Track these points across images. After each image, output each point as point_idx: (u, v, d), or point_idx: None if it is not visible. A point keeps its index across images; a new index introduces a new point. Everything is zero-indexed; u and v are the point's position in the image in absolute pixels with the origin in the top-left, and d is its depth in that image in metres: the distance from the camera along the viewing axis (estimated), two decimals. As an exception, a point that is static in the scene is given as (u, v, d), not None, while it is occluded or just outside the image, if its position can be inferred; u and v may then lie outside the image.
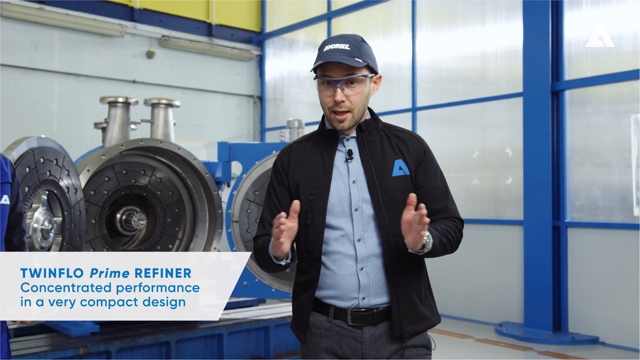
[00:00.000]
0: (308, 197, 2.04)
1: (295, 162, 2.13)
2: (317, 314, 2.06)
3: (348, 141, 2.10)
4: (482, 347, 6.00)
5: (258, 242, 2.11)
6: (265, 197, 2.19)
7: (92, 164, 4.61)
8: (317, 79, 2.06)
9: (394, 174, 2.05)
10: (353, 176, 2.05)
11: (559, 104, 6.45)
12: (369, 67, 2.04)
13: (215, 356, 4.97)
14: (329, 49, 2.02)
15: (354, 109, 2.03)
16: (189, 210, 5.42)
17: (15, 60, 7.69)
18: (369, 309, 2.01)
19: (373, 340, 2.01)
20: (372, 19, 8.58)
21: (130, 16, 8.71)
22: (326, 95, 2.04)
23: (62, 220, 3.93)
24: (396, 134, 2.14)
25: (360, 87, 2.02)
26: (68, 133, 7.88)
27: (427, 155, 2.12)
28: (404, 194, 1.97)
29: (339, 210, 2.03)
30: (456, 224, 2.08)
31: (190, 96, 9.20)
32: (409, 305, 2.02)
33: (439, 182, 2.13)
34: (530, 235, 6.50)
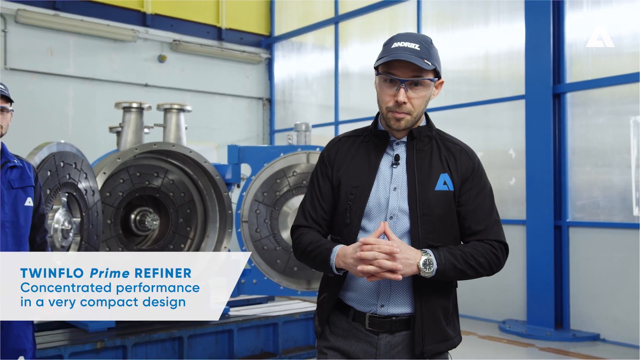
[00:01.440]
0: (348, 196, 2.00)
1: (341, 156, 2.08)
2: (338, 313, 2.05)
3: (398, 145, 2.03)
4: (485, 343, 6.15)
5: (305, 237, 2.05)
6: (309, 186, 2.14)
7: (107, 167, 4.81)
8: (380, 75, 1.95)
9: (437, 188, 1.97)
10: (395, 183, 1.99)
11: (560, 106, 6.58)
12: (435, 71, 1.97)
13: (226, 351, 5.15)
14: (397, 46, 1.92)
15: (413, 112, 1.95)
16: (200, 210, 5.61)
17: (32, 65, 7.93)
18: (387, 316, 1.97)
19: (388, 348, 1.98)
20: (378, 22, 8.74)
21: (143, 21, 8.93)
22: (388, 93, 1.94)
23: (80, 221, 4.14)
24: (447, 145, 2.05)
25: (424, 91, 1.95)
26: (83, 136, 8.10)
27: (475, 172, 2.02)
28: (444, 209, 1.96)
29: (375, 215, 1.98)
30: (492, 247, 1.98)
31: (201, 99, 9.41)
32: (434, 323, 1.96)
33: (484, 201, 2.02)
34: (532, 235, 6.64)
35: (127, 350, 4.58)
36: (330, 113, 9.32)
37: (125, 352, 4.58)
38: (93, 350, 4.44)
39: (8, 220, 2.80)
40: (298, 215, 2.13)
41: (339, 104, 9.15)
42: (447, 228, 1.96)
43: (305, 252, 2.02)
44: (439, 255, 1.90)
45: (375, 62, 1.99)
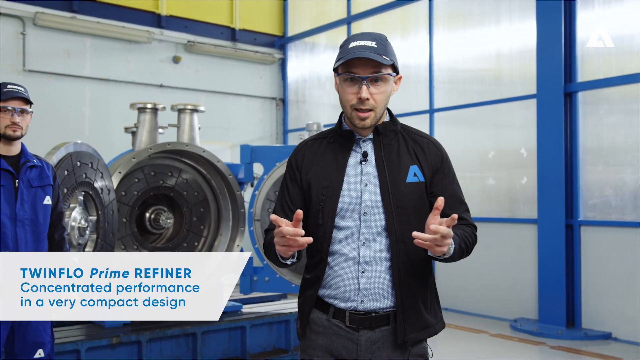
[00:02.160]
0: (319, 197, 2.02)
1: (309, 160, 2.10)
2: (317, 312, 2.06)
3: (364, 143, 2.05)
4: (496, 341, 6.18)
5: (268, 237, 2.09)
6: (279, 192, 2.17)
7: (123, 166, 4.92)
8: (340, 75, 1.99)
9: (408, 180, 2.00)
10: (366, 179, 2.01)
11: (571, 105, 6.59)
12: (393, 67, 2.00)
13: (239, 347, 5.24)
14: (354, 45, 1.96)
15: (377, 108, 1.98)
16: (213, 209, 5.70)
17: (50, 67, 8.08)
18: (367, 312, 1.99)
19: (369, 344, 2.00)
20: (390, 22, 8.78)
21: (157, 23, 9.05)
22: (349, 92, 1.97)
23: (96, 219, 4.24)
24: (414, 137, 2.09)
25: (385, 86, 1.98)
26: (99, 136, 8.24)
27: (444, 163, 2.08)
28: (416, 201, 2.00)
29: (348, 212, 2.00)
30: (472, 231, 2.07)
31: (215, 99, 9.52)
32: (414, 312, 1.99)
33: (455, 190, 2.08)
34: (544, 234, 6.66)
35: (142, 346, 4.68)
36: (342, 112, 9.38)
37: (140, 348, 4.68)
38: (109, 345, 4.55)
39: (27, 218, 2.91)
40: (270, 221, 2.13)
41: (351, 104, 9.20)
42: (422, 219, 1.96)
43: (267, 249, 2.06)
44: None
45: (334, 64, 2.03)
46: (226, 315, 5.33)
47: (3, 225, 2.82)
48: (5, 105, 2.91)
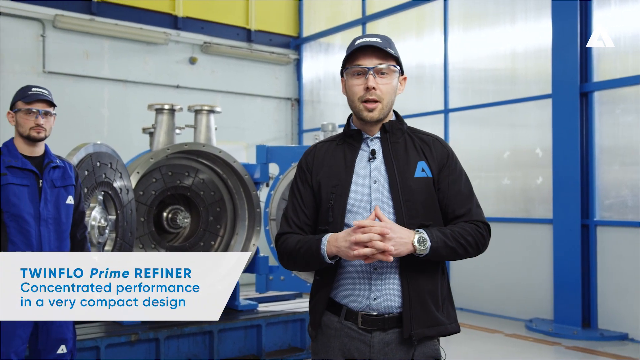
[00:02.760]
0: (329, 196, 2.05)
1: (318, 161, 2.13)
2: (329, 314, 2.07)
3: (372, 141, 2.10)
4: (511, 341, 6.18)
5: (290, 240, 2.09)
6: (289, 195, 2.20)
7: (141, 167, 5.00)
8: (347, 71, 2.07)
9: (416, 175, 2.03)
10: (374, 176, 2.04)
11: (587, 105, 6.57)
12: (398, 63, 2.07)
13: (255, 345, 5.30)
14: (360, 41, 2.04)
15: (383, 100, 2.03)
16: (229, 209, 5.77)
17: (69, 68, 8.21)
18: (380, 313, 2.00)
19: (382, 346, 2.00)
20: (405, 22, 8.79)
21: (174, 24, 9.15)
22: (357, 84, 2.04)
23: (115, 218, 4.33)
24: (420, 136, 2.13)
25: (390, 79, 2.04)
26: (117, 136, 8.35)
27: (450, 159, 2.10)
28: (425, 196, 2.02)
29: (359, 209, 2.03)
30: (477, 227, 2.04)
31: (231, 100, 9.60)
32: (422, 308, 1.99)
33: (462, 186, 2.09)
34: (559, 234, 6.64)
35: (159, 343, 4.76)
36: (357, 113, 9.41)
37: (158, 345, 4.76)
38: (128, 342, 4.64)
39: (51, 217, 2.99)
40: (281, 223, 2.17)
41: (366, 104, 9.22)
42: (430, 213, 2.02)
43: (294, 251, 2.05)
44: (431, 233, 1.95)
45: (341, 66, 2.11)
46: (242, 314, 5.40)
47: (27, 224, 2.91)
48: (30, 107, 2.99)
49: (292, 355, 5.40)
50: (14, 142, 3.04)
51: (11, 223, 2.89)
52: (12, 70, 7.76)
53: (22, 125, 3.00)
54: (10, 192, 2.90)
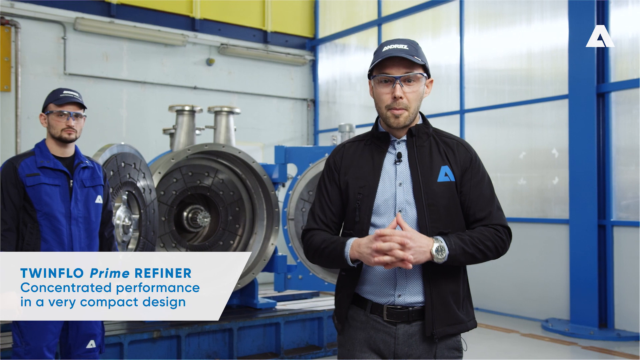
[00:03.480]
0: (356, 196, 2.13)
1: (347, 161, 2.20)
2: (355, 307, 2.15)
3: (399, 144, 2.16)
4: (527, 341, 6.21)
5: (316, 237, 2.17)
6: (316, 192, 2.26)
7: (163, 167, 5.10)
8: (374, 78, 2.12)
9: (439, 180, 2.10)
10: (400, 179, 2.12)
11: (604, 106, 6.57)
12: (424, 68, 2.12)
13: (273, 343, 5.38)
14: (387, 48, 2.08)
15: (410, 107, 2.09)
16: (248, 208, 5.86)
17: (89, 70, 8.34)
18: (404, 306, 2.08)
19: (406, 337, 2.08)
20: (421, 23, 8.83)
21: (192, 26, 9.26)
22: (384, 92, 2.09)
23: (139, 218, 4.42)
24: (445, 140, 2.19)
25: (417, 86, 2.09)
26: (135, 136, 8.46)
27: (473, 163, 2.16)
28: (447, 199, 2.09)
29: (384, 210, 2.10)
30: (496, 232, 2.10)
31: (247, 100, 9.69)
32: (444, 307, 2.07)
33: (484, 190, 2.15)
34: (576, 234, 6.65)
35: (180, 340, 4.85)
36: (373, 113, 9.40)
37: (179, 342, 4.86)
38: (150, 339, 4.73)
39: (81, 216, 3.08)
40: (308, 219, 2.24)
41: (381, 105, 9.26)
42: (452, 217, 2.10)
43: (319, 250, 2.13)
44: (449, 241, 2.02)
45: (369, 69, 2.16)
46: (261, 312, 5.48)
47: (59, 223, 3.00)
48: (61, 109, 3.09)
49: (310, 353, 5.46)
50: (45, 143, 3.14)
51: (44, 221, 2.99)
52: (34, 72, 7.90)
53: (54, 127, 3.09)
54: (42, 192, 3.00)
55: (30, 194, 2.99)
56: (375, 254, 1.97)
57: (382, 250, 1.96)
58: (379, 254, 1.97)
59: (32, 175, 3.00)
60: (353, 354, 2.15)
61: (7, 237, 2.93)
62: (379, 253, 1.97)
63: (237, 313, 5.43)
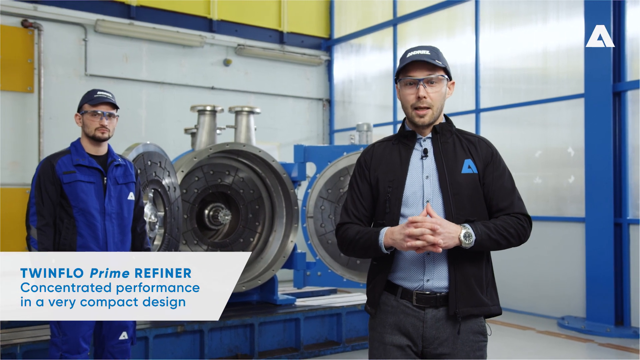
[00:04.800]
0: (386, 189, 2.31)
1: (376, 159, 2.39)
2: (386, 294, 2.31)
3: (424, 141, 2.34)
4: (543, 338, 6.26)
5: (350, 230, 2.33)
6: (348, 189, 2.45)
7: (185, 165, 5.22)
8: (400, 81, 2.31)
9: (463, 172, 2.28)
10: (427, 172, 2.29)
11: (620, 104, 6.60)
12: (446, 71, 2.31)
13: (293, 338, 5.48)
14: (411, 54, 2.29)
15: (433, 106, 2.27)
16: (268, 206, 5.96)
17: (109, 71, 8.49)
18: (432, 292, 2.24)
19: (434, 321, 2.23)
20: (436, 23, 8.89)
21: (209, 27, 9.39)
22: (409, 94, 2.29)
23: (164, 215, 4.54)
24: (467, 137, 2.37)
25: (439, 87, 2.28)
26: (154, 136, 8.59)
27: (494, 157, 2.33)
28: (471, 190, 2.27)
29: (412, 202, 2.28)
30: (518, 220, 2.26)
31: (264, 100, 9.80)
32: (467, 289, 2.22)
33: (506, 182, 2.32)
34: (592, 232, 6.69)
35: (203, 335, 4.97)
36: (388, 113, 9.55)
37: (202, 336, 4.97)
38: (174, 333, 4.85)
39: (114, 212, 3.20)
40: (341, 214, 2.43)
41: (397, 104, 9.34)
42: (476, 206, 2.27)
43: (353, 241, 2.31)
44: (475, 228, 2.18)
45: (395, 74, 2.36)
46: (281, 308, 5.58)
47: (94, 218, 3.13)
48: (95, 109, 3.21)
49: (329, 348, 5.56)
50: (80, 142, 3.26)
51: (80, 217, 3.11)
52: (56, 73, 8.06)
53: (88, 126, 3.22)
54: (78, 189, 3.12)
55: (67, 190, 3.11)
56: (408, 239, 2.13)
57: (414, 236, 2.12)
58: (412, 239, 2.13)
59: (68, 173, 3.12)
60: (383, 336, 2.30)
61: (44, 231, 3.06)
62: (411, 238, 2.13)
63: (257, 309, 5.54)
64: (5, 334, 4.27)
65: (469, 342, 2.25)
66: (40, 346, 4.20)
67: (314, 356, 5.47)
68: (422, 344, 2.25)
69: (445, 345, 2.23)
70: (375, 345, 2.33)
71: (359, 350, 5.66)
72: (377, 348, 2.31)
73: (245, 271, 5.75)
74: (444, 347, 2.23)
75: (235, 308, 5.48)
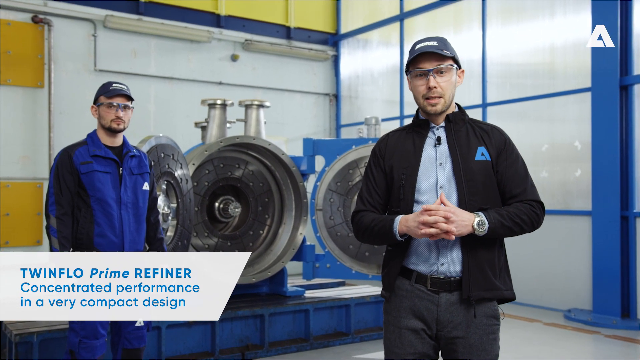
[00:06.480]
0: (400, 176, 2.34)
1: (390, 147, 2.43)
2: (401, 278, 2.35)
3: (438, 130, 2.37)
4: (550, 330, 6.31)
5: (366, 218, 2.38)
6: (364, 177, 2.49)
7: (196, 158, 5.28)
8: (411, 73, 2.35)
9: (477, 158, 2.31)
10: (440, 159, 2.33)
11: (627, 98, 6.63)
12: (454, 60, 2.35)
13: (303, 329, 5.54)
14: (420, 46, 2.33)
15: (444, 94, 2.30)
16: (277, 199, 6.02)
17: (118, 66, 8.56)
18: (446, 276, 2.27)
19: (448, 305, 2.27)
20: (443, 18, 8.92)
21: (217, 23, 9.45)
22: (420, 84, 2.32)
23: (176, 206, 4.60)
24: (480, 125, 2.40)
25: (449, 76, 2.32)
26: (162, 130, 8.64)
27: (507, 145, 2.36)
28: (484, 176, 2.29)
29: (426, 188, 2.31)
30: (531, 206, 2.29)
31: (271, 95, 9.86)
32: (480, 274, 2.26)
33: (519, 168, 2.34)
34: (598, 225, 6.73)
35: (215, 325, 5.04)
36: (395, 108, 9.59)
37: (213, 327, 5.04)
38: (186, 323, 4.93)
39: (130, 201, 3.27)
40: (357, 202, 2.46)
41: (404, 99, 9.39)
42: (489, 193, 2.30)
43: (369, 228, 2.35)
44: (489, 215, 2.22)
45: (405, 66, 2.40)
46: (290, 299, 5.65)
47: (110, 207, 3.20)
48: (111, 101, 3.27)
49: (338, 339, 5.62)
50: (96, 134, 3.33)
51: (97, 206, 3.18)
52: (66, 68, 8.13)
53: (104, 118, 3.28)
54: (95, 179, 3.19)
55: (84, 180, 3.18)
56: (422, 227, 2.18)
57: (428, 223, 2.16)
58: (425, 226, 2.17)
59: (85, 163, 3.19)
60: (398, 320, 2.34)
61: (63, 220, 3.13)
62: (425, 225, 2.17)
63: (267, 300, 5.61)
64: (21, 323, 4.35)
65: (482, 326, 2.28)
66: (56, 335, 4.28)
67: (323, 347, 5.53)
68: (436, 327, 2.29)
69: (459, 328, 2.27)
70: (390, 329, 2.37)
71: (368, 342, 5.72)
72: (392, 332, 2.35)
73: (255, 263, 5.82)
74: (458, 331, 2.27)
75: (245, 299, 5.55)
